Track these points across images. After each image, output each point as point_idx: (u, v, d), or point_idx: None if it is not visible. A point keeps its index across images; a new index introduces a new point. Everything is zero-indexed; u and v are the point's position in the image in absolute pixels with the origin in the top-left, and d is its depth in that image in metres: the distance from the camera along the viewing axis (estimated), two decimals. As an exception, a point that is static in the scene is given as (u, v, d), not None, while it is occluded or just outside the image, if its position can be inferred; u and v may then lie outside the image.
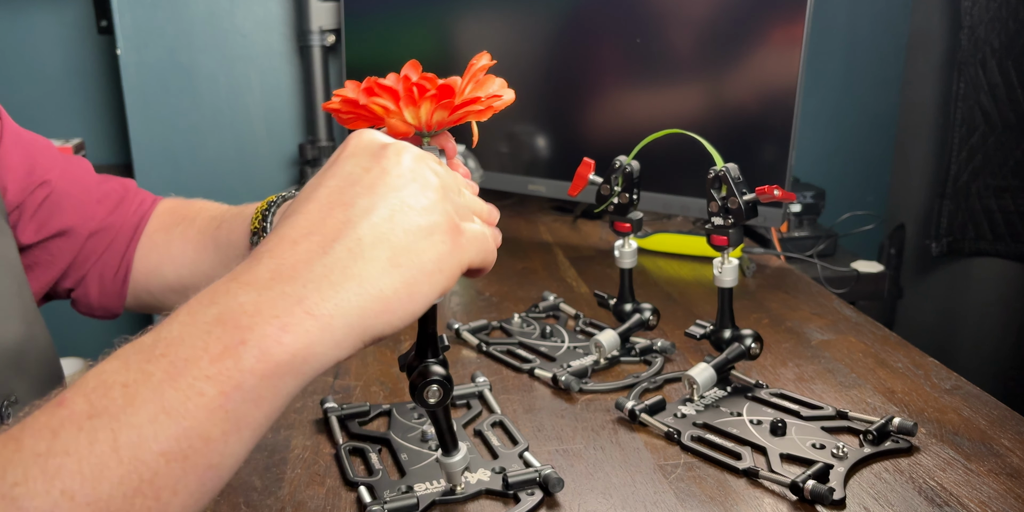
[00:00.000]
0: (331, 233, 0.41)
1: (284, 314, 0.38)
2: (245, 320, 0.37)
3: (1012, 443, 0.67)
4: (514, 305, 1.01)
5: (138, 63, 1.58)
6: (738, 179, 0.72)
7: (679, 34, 1.18)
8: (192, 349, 0.37)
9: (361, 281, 0.40)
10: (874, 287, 1.42)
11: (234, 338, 0.37)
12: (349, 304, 0.39)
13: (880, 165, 1.86)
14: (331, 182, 0.43)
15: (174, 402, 0.35)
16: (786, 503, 0.60)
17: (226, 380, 0.36)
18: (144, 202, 0.80)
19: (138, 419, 0.35)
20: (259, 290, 0.39)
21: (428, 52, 1.38)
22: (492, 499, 0.61)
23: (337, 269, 0.40)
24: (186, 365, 0.36)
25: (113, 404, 0.35)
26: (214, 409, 0.36)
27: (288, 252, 0.40)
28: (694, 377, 0.73)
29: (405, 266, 0.41)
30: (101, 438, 0.34)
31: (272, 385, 0.38)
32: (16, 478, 0.33)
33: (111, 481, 0.34)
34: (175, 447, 0.35)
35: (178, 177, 1.65)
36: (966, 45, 1.59)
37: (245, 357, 0.37)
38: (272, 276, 0.39)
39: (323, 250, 0.40)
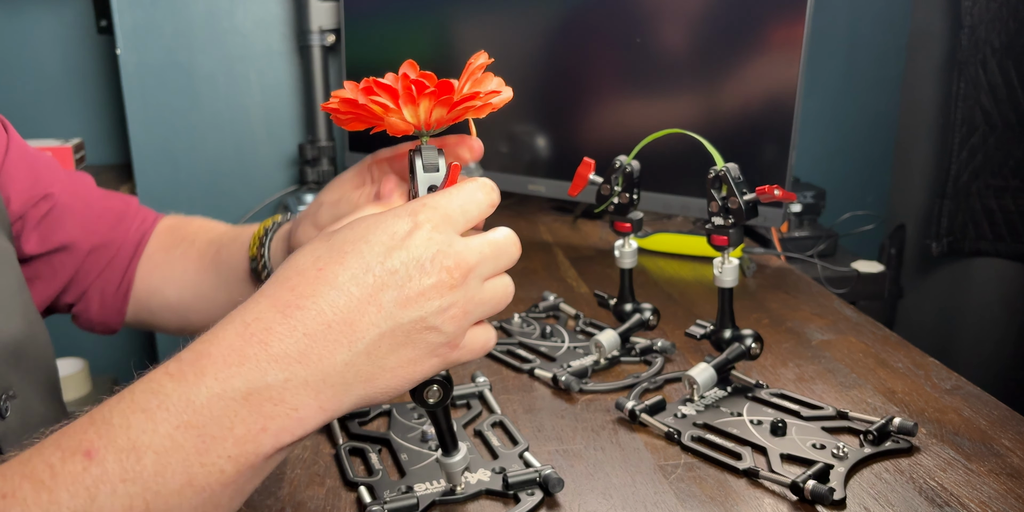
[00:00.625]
0: (360, 333, 0.43)
1: (302, 407, 0.42)
2: (268, 408, 0.41)
3: (1012, 443, 0.67)
4: (514, 305, 1.01)
5: (138, 63, 1.58)
6: (738, 179, 0.72)
7: (679, 34, 1.17)
8: (219, 428, 0.40)
9: (367, 383, 0.44)
10: (874, 287, 1.42)
11: (257, 424, 0.41)
12: (350, 400, 0.44)
13: (880, 165, 1.86)
14: (380, 273, 0.44)
15: (199, 478, 0.40)
16: (786, 503, 0.60)
17: (243, 462, 0.41)
18: (146, 220, 0.81)
19: (167, 490, 0.39)
20: (286, 373, 0.42)
21: (428, 52, 1.38)
22: (492, 499, 0.61)
23: (352, 371, 0.43)
24: (213, 442, 0.40)
25: (145, 471, 0.39)
26: (228, 484, 0.41)
27: (320, 335, 0.43)
28: (694, 377, 0.73)
29: (402, 376, 0.45)
30: (135, 505, 0.38)
31: (273, 461, 0.43)
32: None
33: None
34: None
35: (178, 177, 1.65)
36: (966, 45, 1.58)
37: (263, 444, 0.41)
38: (299, 358, 0.42)
39: (348, 347, 0.43)
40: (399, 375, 0.45)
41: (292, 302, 0.43)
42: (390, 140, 0.57)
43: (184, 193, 1.66)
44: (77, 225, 0.75)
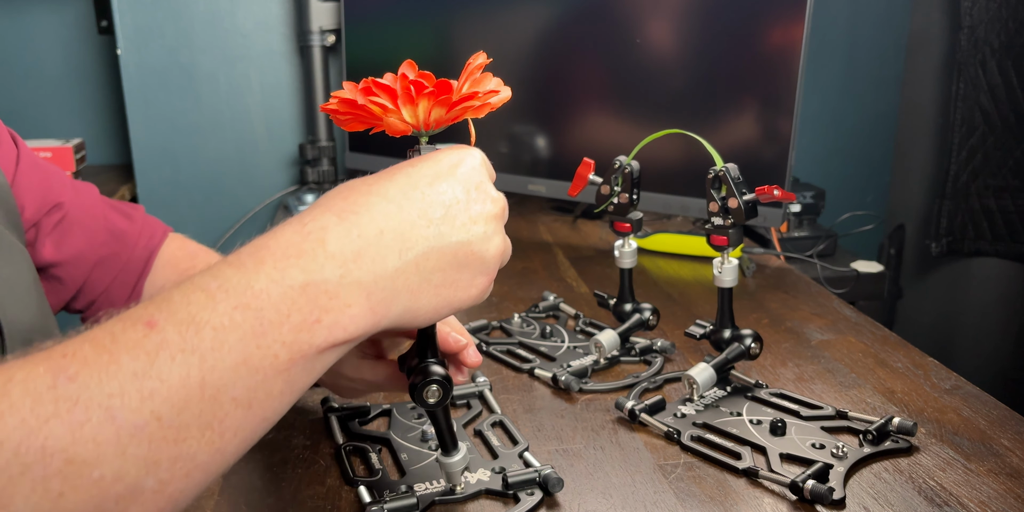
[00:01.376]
0: (410, 242, 0.46)
1: (355, 305, 0.43)
2: (324, 300, 0.42)
3: (1012, 443, 0.67)
4: (514, 305, 1.01)
5: (138, 63, 1.58)
6: (738, 179, 0.72)
7: (679, 35, 1.18)
8: (277, 313, 0.41)
9: (412, 295, 0.46)
10: (874, 287, 1.42)
11: (312, 315, 0.42)
12: (397, 310, 0.46)
13: (880, 165, 1.87)
14: (428, 192, 0.48)
15: (255, 359, 0.40)
16: (786, 503, 0.60)
17: (296, 350, 0.41)
18: (153, 236, 0.82)
19: (223, 365, 0.40)
20: (343, 269, 0.43)
21: (428, 52, 1.38)
22: (492, 499, 0.61)
23: (401, 279, 0.45)
24: (271, 326, 0.41)
25: (203, 344, 0.39)
26: (281, 371, 0.41)
27: (374, 240, 0.45)
28: (694, 377, 0.73)
29: (445, 295, 0.48)
30: (192, 375, 0.39)
31: (325, 360, 0.44)
32: (112, 390, 0.37)
33: (192, 413, 0.39)
34: (245, 396, 0.40)
35: (178, 177, 1.65)
36: (966, 45, 1.59)
37: (317, 335, 0.42)
38: (354, 257, 0.44)
39: (400, 253, 0.46)
40: (442, 294, 0.48)
41: (347, 209, 0.46)
42: (390, 140, 0.58)
43: (184, 193, 1.66)
44: (84, 236, 0.76)
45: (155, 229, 0.82)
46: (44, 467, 0.35)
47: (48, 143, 1.46)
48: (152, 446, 0.37)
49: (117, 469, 0.37)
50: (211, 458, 0.40)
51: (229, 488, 0.63)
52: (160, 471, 0.38)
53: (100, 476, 0.36)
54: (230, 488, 0.63)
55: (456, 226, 0.48)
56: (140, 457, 0.37)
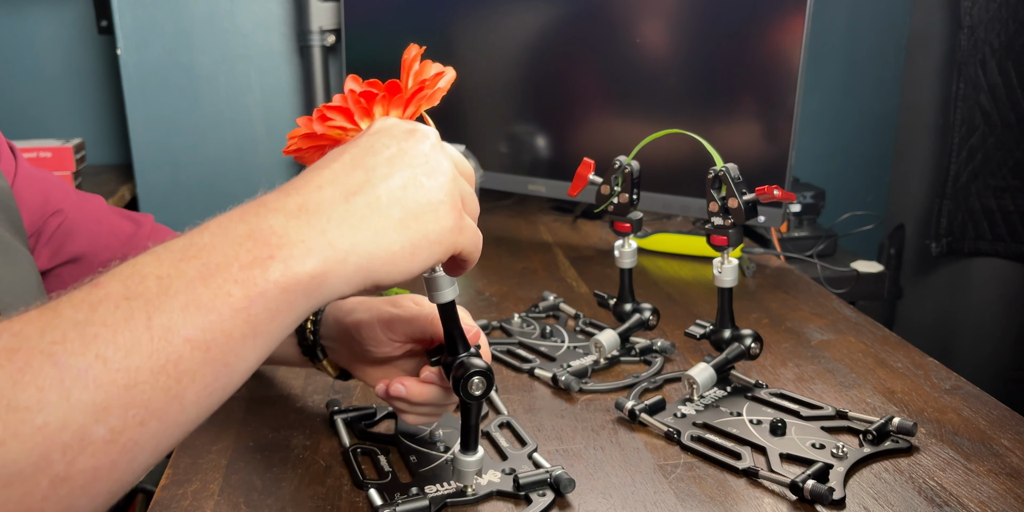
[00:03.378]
0: (352, 187, 0.45)
1: (309, 240, 0.42)
2: (274, 240, 0.42)
3: (1012, 443, 0.67)
4: (514, 305, 1.01)
5: (138, 63, 1.58)
6: (738, 179, 0.72)
7: (679, 34, 1.18)
8: (224, 256, 0.40)
9: (375, 232, 0.45)
10: (874, 287, 1.42)
11: (263, 252, 0.41)
12: (363, 248, 0.44)
13: (880, 165, 1.87)
14: (354, 150, 0.48)
15: (204, 298, 0.39)
16: (786, 503, 0.60)
17: (252, 286, 0.40)
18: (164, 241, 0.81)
19: (170, 306, 0.38)
20: (287, 217, 0.43)
21: (428, 52, 1.38)
22: (504, 500, 0.61)
23: (356, 216, 0.44)
24: (218, 268, 0.40)
25: (148, 291, 0.39)
26: (238, 310, 0.40)
27: (314, 193, 0.45)
28: (694, 377, 0.73)
29: (412, 229, 0.46)
30: (136, 317, 0.38)
31: (289, 301, 0.42)
32: (55, 338, 0.36)
33: (141, 354, 0.37)
34: (200, 336, 0.39)
35: (178, 177, 1.65)
36: (966, 45, 1.59)
37: (272, 269, 0.41)
38: (299, 208, 0.44)
39: (345, 199, 0.45)
40: (410, 227, 0.46)
41: (285, 186, 0.46)
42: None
43: (184, 193, 1.66)
44: (87, 239, 0.76)
45: (165, 235, 0.82)
46: None
47: (48, 143, 1.46)
48: (100, 390, 0.36)
49: (62, 415, 0.35)
50: (167, 405, 0.38)
51: (229, 488, 0.63)
52: (111, 418, 0.36)
53: (44, 422, 0.35)
54: (230, 488, 0.63)
55: (395, 164, 0.47)
56: (87, 402, 0.36)
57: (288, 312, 0.42)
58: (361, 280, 0.44)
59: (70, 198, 0.77)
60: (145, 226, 0.81)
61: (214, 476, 0.64)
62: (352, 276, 0.44)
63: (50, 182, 0.77)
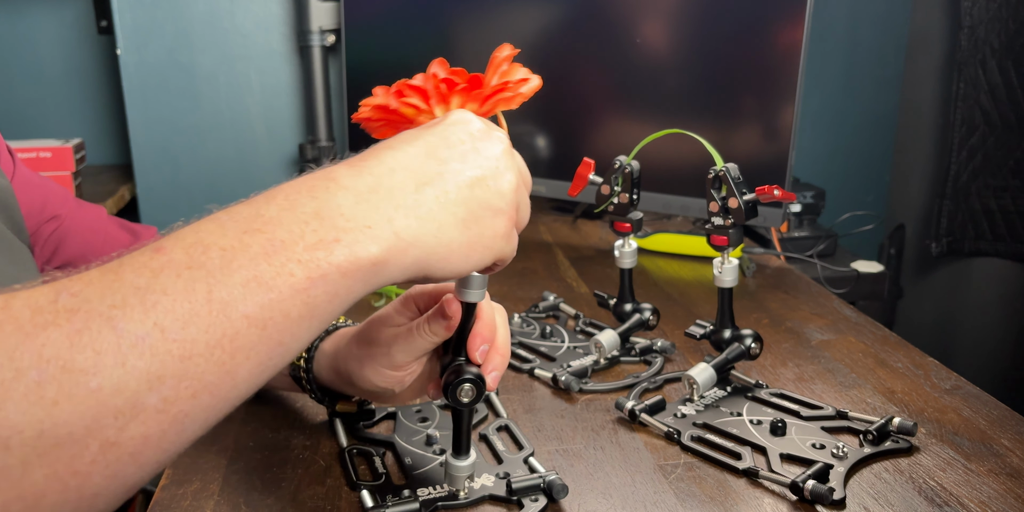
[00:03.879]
0: (425, 177, 0.46)
1: (376, 226, 0.42)
2: (341, 222, 0.42)
3: (1012, 443, 0.67)
4: (514, 305, 1.01)
5: (138, 63, 1.58)
6: (738, 179, 0.72)
7: (679, 35, 1.18)
8: (290, 233, 0.40)
9: (439, 227, 0.45)
10: (874, 287, 1.42)
11: (329, 234, 0.41)
12: (425, 241, 0.44)
13: (880, 165, 1.87)
14: (429, 138, 0.48)
15: (267, 275, 0.39)
16: (786, 503, 0.60)
17: (315, 268, 0.40)
18: None
19: (232, 280, 0.38)
20: (356, 198, 0.43)
21: (428, 52, 1.38)
22: (496, 504, 0.61)
23: (424, 207, 0.45)
24: (283, 245, 0.40)
25: (211, 262, 0.38)
26: (298, 291, 0.39)
27: (386, 177, 0.45)
28: (694, 377, 0.73)
29: (472, 231, 0.46)
30: (198, 288, 0.37)
31: (348, 285, 0.41)
32: (115, 302, 0.36)
33: (199, 327, 0.37)
34: (258, 314, 0.39)
35: (178, 177, 1.65)
36: (966, 45, 1.58)
37: (336, 253, 0.41)
38: (369, 190, 0.44)
39: (416, 188, 0.45)
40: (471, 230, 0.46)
41: (356, 160, 0.46)
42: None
43: (184, 193, 1.66)
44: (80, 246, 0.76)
45: None
46: (39, 373, 0.33)
47: (48, 143, 1.46)
48: (155, 359, 0.36)
49: (117, 381, 0.35)
50: (220, 379, 0.38)
51: (229, 488, 0.63)
52: (164, 388, 0.36)
53: (98, 386, 0.35)
54: (230, 488, 0.63)
55: (467, 162, 0.47)
56: (142, 370, 0.36)
57: (345, 295, 0.42)
58: (416, 271, 0.45)
59: (68, 205, 0.77)
60: (144, 238, 0.80)
61: (214, 476, 0.64)
62: (409, 266, 0.44)
63: (50, 188, 0.76)
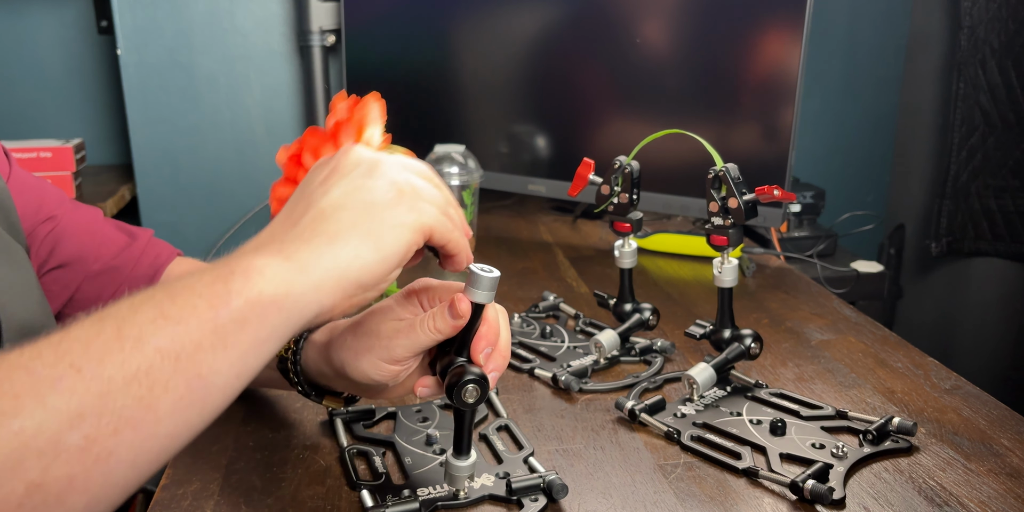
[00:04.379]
0: (297, 214, 0.49)
1: (266, 258, 0.46)
2: (233, 264, 0.45)
3: (1012, 443, 0.67)
4: (514, 305, 1.01)
5: (138, 63, 1.58)
6: (738, 179, 0.72)
7: (679, 35, 1.18)
8: (189, 281, 0.44)
9: (330, 237, 0.47)
10: (874, 287, 1.42)
11: (224, 271, 0.44)
12: (322, 253, 0.47)
13: (880, 165, 1.87)
14: (294, 195, 0.52)
15: (171, 311, 0.42)
16: (786, 503, 0.60)
17: (215, 297, 0.43)
18: (159, 255, 0.80)
19: (139, 319, 0.41)
20: (243, 255, 0.46)
21: (428, 52, 1.38)
22: (495, 504, 0.61)
23: (307, 231, 0.48)
24: (184, 289, 0.43)
25: (120, 312, 0.42)
26: (204, 321, 0.42)
27: (265, 233, 0.49)
28: (694, 377, 0.73)
29: (366, 223, 0.48)
30: (107, 328, 0.40)
31: (257, 313, 0.44)
32: (31, 354, 0.39)
33: (113, 363, 0.39)
34: (169, 345, 0.41)
35: (178, 177, 1.65)
36: (966, 45, 1.59)
37: (233, 282, 0.44)
38: (255, 247, 0.48)
39: (293, 224, 0.49)
40: (372, 230, 0.48)
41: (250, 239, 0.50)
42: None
43: (184, 193, 1.66)
44: (76, 246, 0.75)
45: (161, 249, 0.81)
46: None
47: (48, 143, 1.46)
48: (74, 397, 0.38)
49: (38, 421, 0.37)
50: (140, 414, 0.39)
51: (229, 488, 0.63)
52: (84, 425, 0.38)
53: (20, 428, 0.36)
54: (230, 488, 0.63)
55: (330, 180, 0.50)
56: (61, 408, 0.37)
57: (259, 324, 0.44)
58: (334, 283, 0.46)
59: (64, 207, 0.76)
60: (140, 239, 0.80)
61: (214, 476, 0.64)
62: (321, 282, 0.46)
63: (46, 190, 0.76)
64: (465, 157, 1.20)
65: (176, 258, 0.81)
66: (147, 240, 0.81)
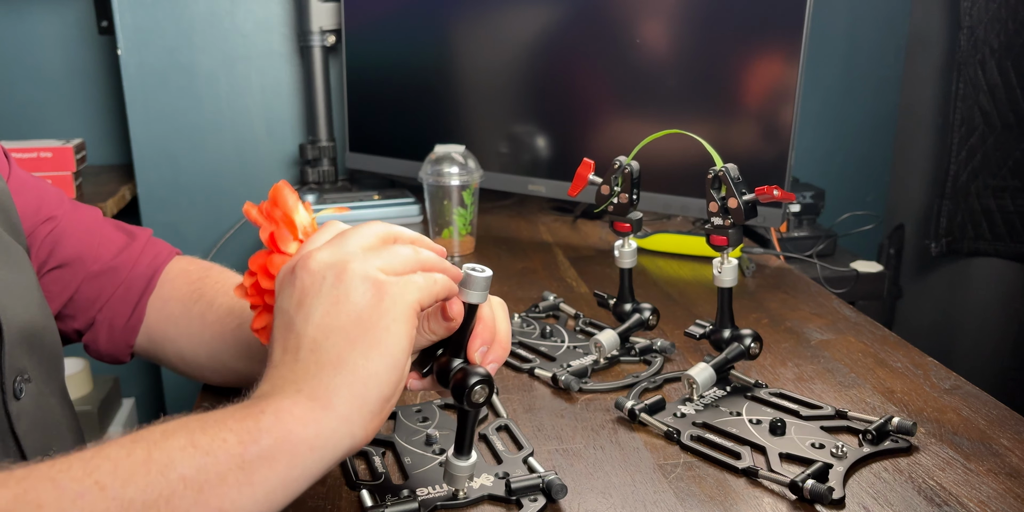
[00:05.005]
0: (292, 348, 0.49)
1: (292, 398, 0.46)
2: (261, 404, 0.46)
3: (1011, 443, 0.67)
4: (514, 305, 1.01)
5: (138, 63, 1.58)
6: (737, 179, 0.72)
7: (679, 35, 1.18)
8: (221, 415, 0.45)
9: (335, 365, 0.47)
10: (873, 287, 1.42)
11: (255, 409, 0.45)
12: (337, 386, 0.47)
13: (880, 165, 1.87)
14: (277, 322, 0.51)
15: (202, 442, 0.43)
16: (785, 502, 0.60)
17: (246, 434, 0.43)
18: (159, 255, 0.80)
19: (170, 445, 0.42)
20: (267, 394, 0.47)
21: (428, 52, 1.38)
22: (495, 504, 0.61)
23: (311, 366, 0.47)
24: (215, 422, 0.44)
25: (152, 435, 0.43)
26: (232, 455, 0.43)
27: (275, 374, 0.49)
28: (694, 377, 0.74)
29: (361, 337, 0.48)
30: (137, 452, 0.42)
31: (286, 451, 0.44)
32: (61, 467, 0.40)
33: (137, 486, 0.40)
34: (194, 476, 0.42)
35: (178, 177, 1.65)
36: (965, 45, 1.59)
37: (263, 420, 0.44)
38: (271, 388, 0.48)
39: (294, 360, 0.48)
40: (368, 335, 0.48)
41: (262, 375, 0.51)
42: (390, 140, 0.59)
43: (184, 193, 1.66)
44: (76, 246, 0.75)
45: (160, 249, 0.80)
46: None
47: (48, 143, 1.46)
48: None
49: None
50: None
51: (229, 488, 0.63)
52: None
53: None
54: (230, 488, 0.63)
55: (305, 306, 0.49)
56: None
57: (289, 464, 0.44)
58: (359, 411, 0.47)
59: (64, 207, 0.76)
60: (139, 239, 0.79)
61: (214, 476, 0.64)
62: (349, 415, 0.46)
63: (45, 190, 0.76)
64: (465, 157, 1.20)
65: (175, 257, 0.81)
66: (146, 240, 0.80)
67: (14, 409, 0.60)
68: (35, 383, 0.63)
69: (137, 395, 1.86)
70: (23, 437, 0.60)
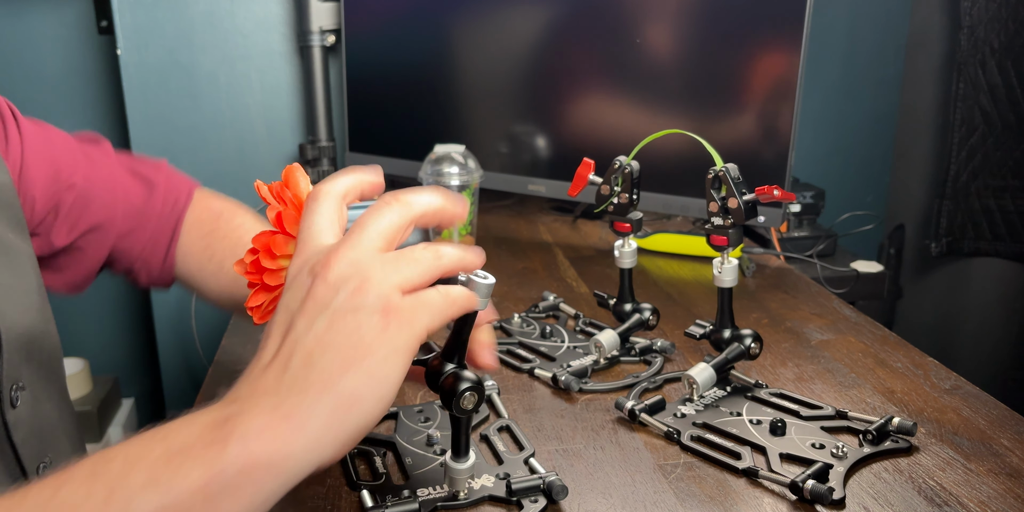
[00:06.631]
0: (285, 356, 0.46)
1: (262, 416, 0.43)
2: (230, 425, 0.43)
3: (1012, 443, 0.67)
4: (514, 305, 1.01)
5: (138, 63, 1.58)
6: (738, 179, 0.72)
7: (679, 34, 1.18)
8: (188, 438, 0.42)
9: (323, 386, 0.44)
10: (874, 287, 1.42)
11: (223, 432, 0.42)
12: (319, 406, 0.44)
13: (880, 165, 1.87)
14: (277, 317, 0.49)
15: (164, 477, 0.41)
16: (786, 503, 0.60)
17: (210, 465, 0.41)
18: (177, 203, 0.85)
19: (131, 483, 0.40)
20: (242, 404, 0.44)
21: (428, 52, 1.38)
22: (495, 505, 0.61)
23: (300, 380, 0.44)
24: (180, 449, 0.42)
25: (112, 470, 0.41)
26: (196, 490, 0.41)
27: (260, 377, 0.46)
28: (694, 377, 0.74)
29: (357, 363, 0.45)
30: (96, 492, 0.40)
31: (252, 480, 0.42)
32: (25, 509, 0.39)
33: None
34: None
35: (178, 177, 1.65)
36: (966, 45, 1.59)
37: (230, 446, 0.42)
38: (250, 394, 0.45)
39: (283, 370, 0.45)
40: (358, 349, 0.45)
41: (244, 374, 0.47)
42: (391, 140, 0.58)
43: (184, 193, 1.66)
44: (103, 209, 0.79)
45: (179, 193, 0.85)
46: None
47: (48, 143, 1.46)
48: None
49: None
50: None
51: (229, 488, 0.63)
52: None
53: None
54: (230, 488, 0.63)
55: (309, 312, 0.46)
56: None
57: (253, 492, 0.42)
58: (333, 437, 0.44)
59: (80, 168, 0.78)
60: (159, 187, 0.84)
61: (214, 476, 0.64)
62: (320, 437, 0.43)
63: (57, 153, 0.77)
64: (465, 157, 1.20)
65: (194, 197, 0.87)
66: (165, 185, 0.85)
67: (11, 418, 0.60)
68: (32, 390, 0.63)
69: (137, 395, 1.86)
70: (20, 445, 0.61)
